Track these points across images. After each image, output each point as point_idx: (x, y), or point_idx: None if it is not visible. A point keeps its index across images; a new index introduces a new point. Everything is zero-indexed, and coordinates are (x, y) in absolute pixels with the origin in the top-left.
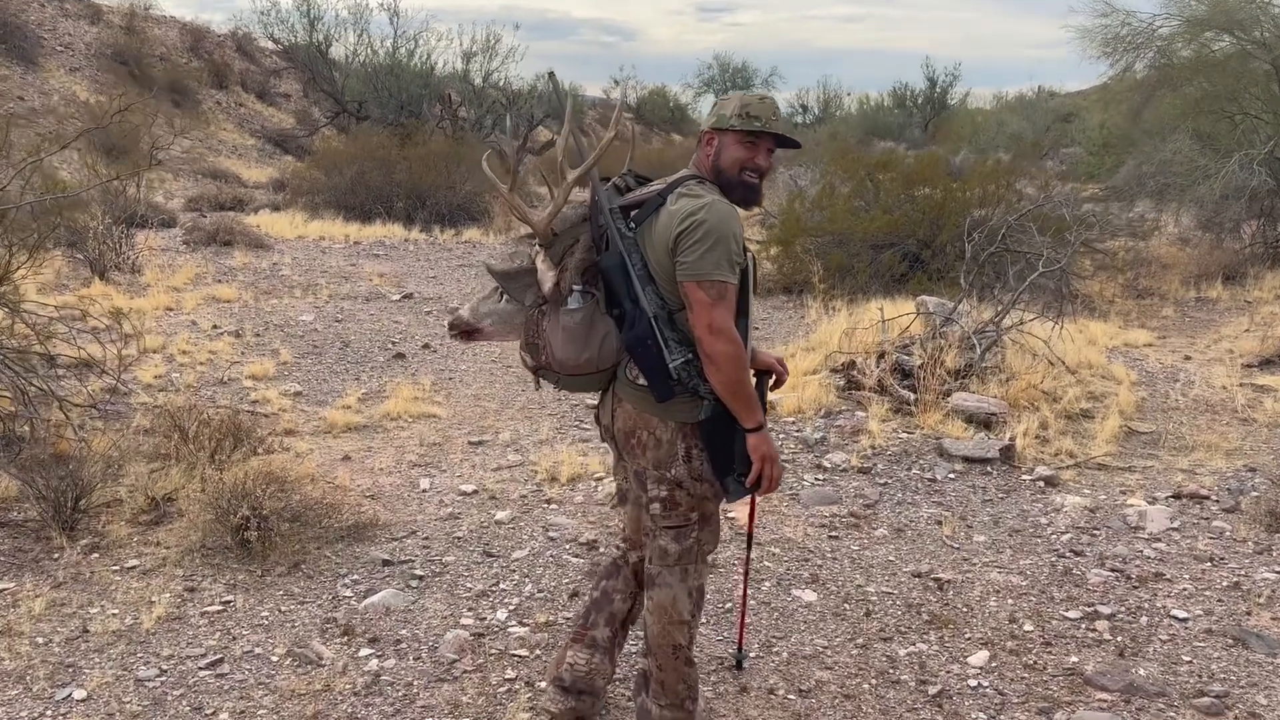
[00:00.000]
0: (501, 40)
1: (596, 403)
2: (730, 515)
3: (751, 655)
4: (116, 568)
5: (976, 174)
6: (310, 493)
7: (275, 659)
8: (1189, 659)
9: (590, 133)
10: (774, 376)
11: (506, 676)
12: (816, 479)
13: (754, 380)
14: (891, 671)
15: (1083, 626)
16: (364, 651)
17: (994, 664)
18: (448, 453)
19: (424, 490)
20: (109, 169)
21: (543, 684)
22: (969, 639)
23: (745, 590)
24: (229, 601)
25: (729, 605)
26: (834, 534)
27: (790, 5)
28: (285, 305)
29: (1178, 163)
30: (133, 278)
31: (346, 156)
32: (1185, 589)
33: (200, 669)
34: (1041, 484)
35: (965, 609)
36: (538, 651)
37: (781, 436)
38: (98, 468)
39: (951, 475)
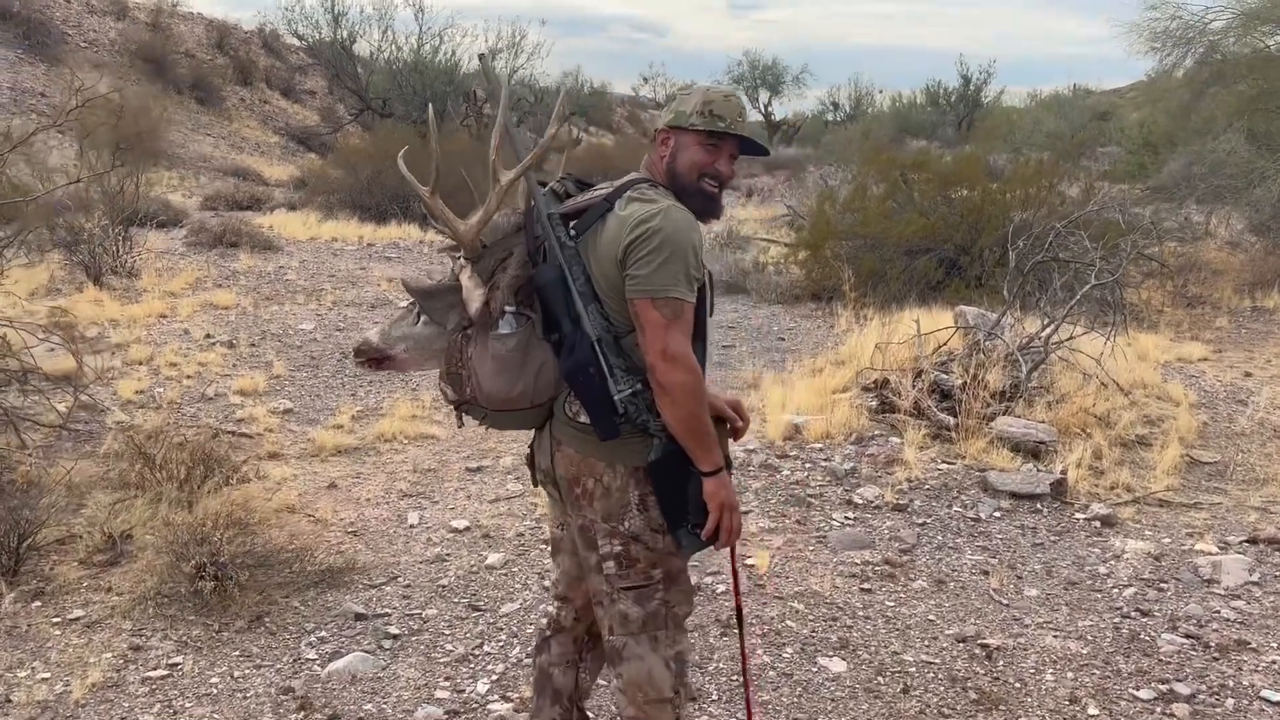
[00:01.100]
0: (527, 37)
1: (530, 443)
2: (749, 562)
3: None
4: (58, 619)
5: (1018, 175)
6: (276, 537)
7: None
8: None
9: (618, 130)
10: (730, 427)
11: None
12: (846, 518)
13: None
14: None
15: (1158, 710)
16: None
17: None
18: (442, 480)
19: (412, 526)
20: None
21: None
22: None
23: (745, 665)
24: (176, 664)
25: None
26: (866, 586)
27: (822, 2)
28: (285, 312)
29: (1232, 164)
30: (129, 282)
31: (364, 155)
32: (1275, 661)
33: None
34: (1098, 524)
35: (1018, 684)
36: None
37: (808, 466)
38: (53, 499)
39: (997, 514)
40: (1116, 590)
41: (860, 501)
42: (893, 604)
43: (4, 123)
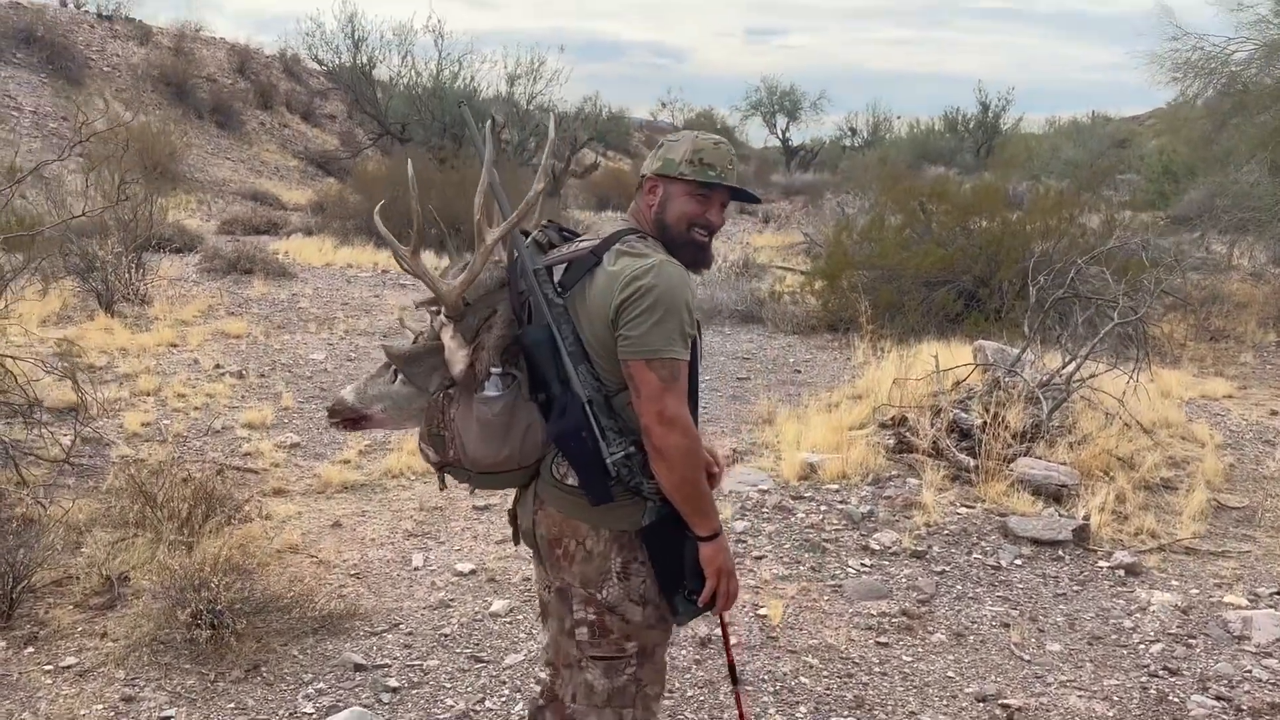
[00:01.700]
0: (546, 63)
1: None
2: (761, 612)
3: None
4: (50, 666)
5: (1038, 206)
6: (276, 582)
7: None
8: None
9: (636, 154)
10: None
11: None
12: (863, 565)
13: None
14: None
15: None
16: None
17: None
18: (449, 519)
19: (416, 569)
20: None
21: None
22: None
23: None
24: (168, 717)
25: None
26: (883, 639)
27: (841, 28)
28: (297, 342)
29: (1256, 195)
30: (140, 310)
31: (381, 181)
32: None
33: None
34: (1122, 573)
35: None
36: None
37: (824, 509)
38: (50, 539)
39: (1018, 561)
40: (1143, 646)
41: (877, 547)
42: (910, 659)
43: (25, 147)
